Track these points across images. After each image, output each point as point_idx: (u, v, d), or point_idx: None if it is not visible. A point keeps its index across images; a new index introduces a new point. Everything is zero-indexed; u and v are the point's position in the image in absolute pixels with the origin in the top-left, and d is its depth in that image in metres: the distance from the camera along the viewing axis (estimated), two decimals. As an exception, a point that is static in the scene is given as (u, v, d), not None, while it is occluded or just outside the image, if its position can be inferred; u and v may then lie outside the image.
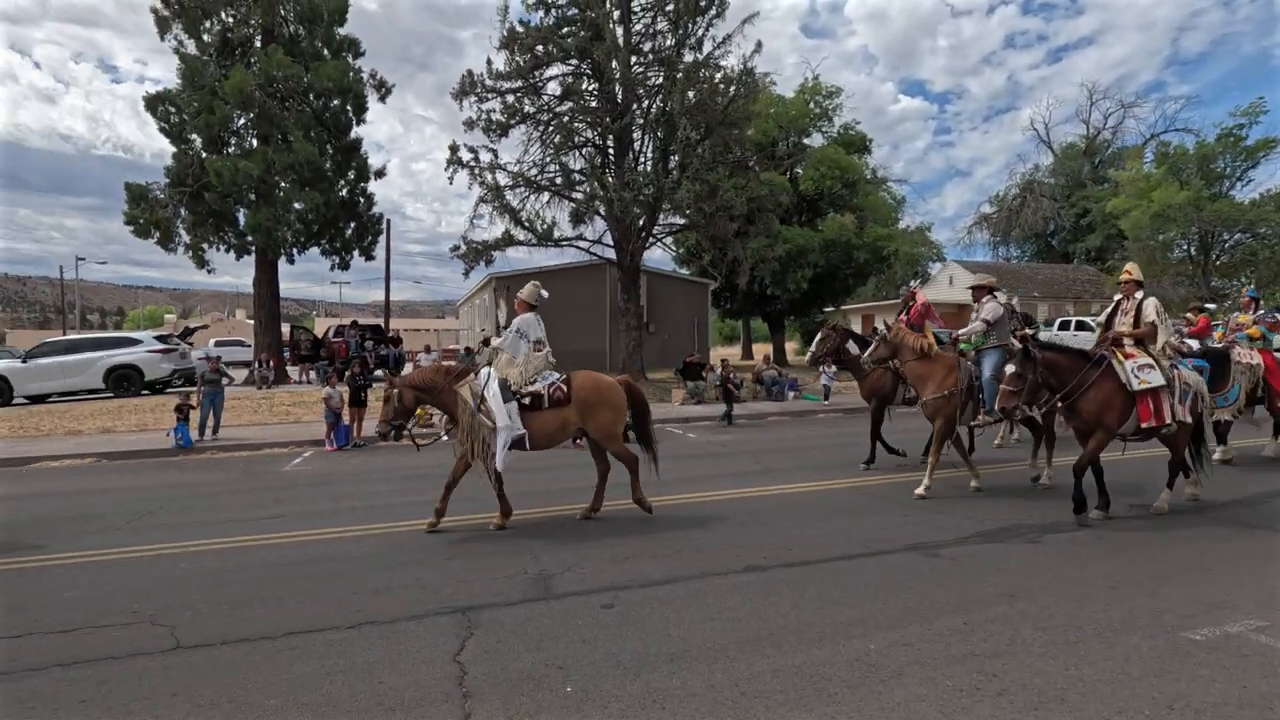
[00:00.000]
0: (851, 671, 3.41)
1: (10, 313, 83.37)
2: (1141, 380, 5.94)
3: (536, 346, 6.44)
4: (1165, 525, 5.93)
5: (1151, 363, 6.03)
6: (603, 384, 6.50)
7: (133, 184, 21.90)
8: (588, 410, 6.29)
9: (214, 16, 22.22)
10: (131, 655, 3.75)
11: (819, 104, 30.40)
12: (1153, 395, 5.94)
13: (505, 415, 6.00)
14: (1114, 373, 6.00)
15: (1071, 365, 6.10)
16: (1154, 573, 4.75)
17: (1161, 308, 6.32)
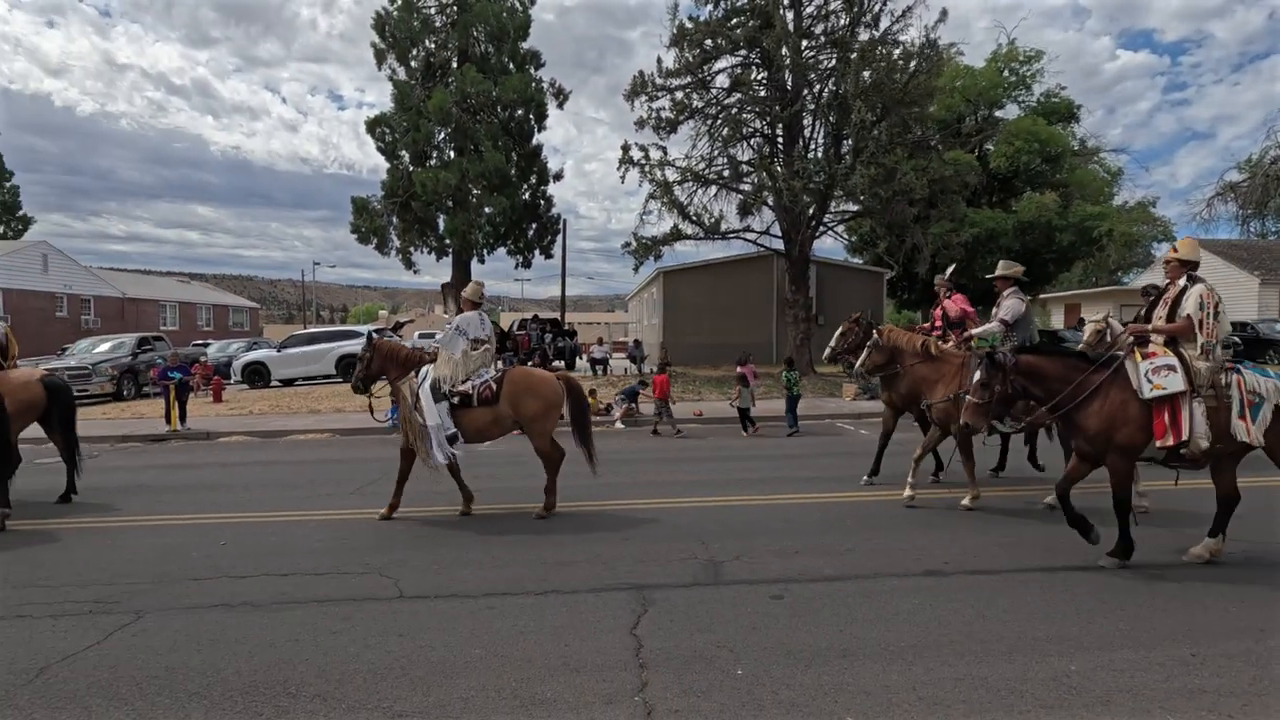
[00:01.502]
0: (1047, 691, 3.15)
1: (265, 310, 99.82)
2: (1155, 385, 4.64)
3: (474, 344, 6.51)
4: None
5: (1173, 363, 4.67)
6: (534, 379, 6.58)
7: (357, 197, 25.30)
8: (518, 405, 6.34)
9: (420, 44, 24.95)
10: (366, 599, 4.43)
11: (1014, 71, 27.48)
12: (1170, 404, 4.61)
13: (435, 415, 6.20)
14: (1125, 378, 4.78)
15: (1062, 371, 4.95)
16: None
17: (1213, 299, 4.80)
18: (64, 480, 7.55)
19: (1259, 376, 4.70)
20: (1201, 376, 4.66)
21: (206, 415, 14.51)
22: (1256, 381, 4.67)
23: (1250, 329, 22.43)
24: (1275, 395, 4.63)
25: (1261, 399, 4.62)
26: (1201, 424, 4.58)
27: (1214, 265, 33.53)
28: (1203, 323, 4.73)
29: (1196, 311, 4.77)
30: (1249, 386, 4.64)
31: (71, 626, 4.06)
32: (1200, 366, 4.67)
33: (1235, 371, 4.72)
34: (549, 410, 6.49)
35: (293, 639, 3.83)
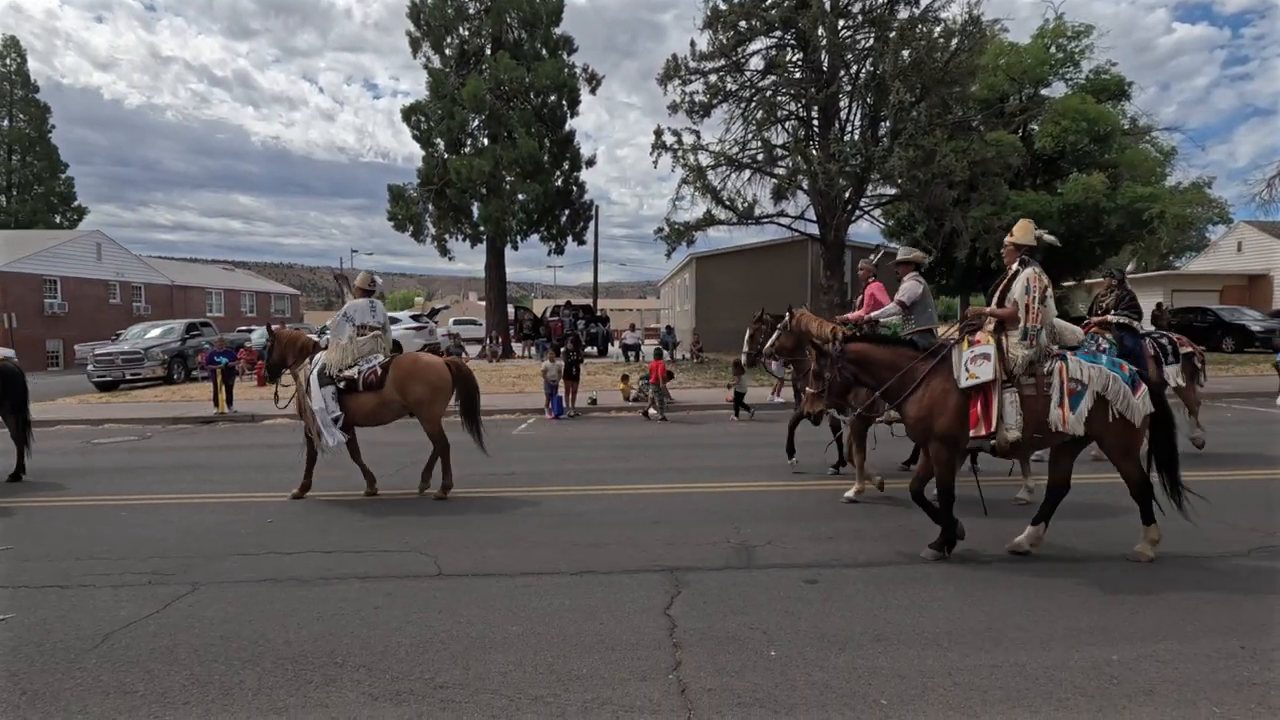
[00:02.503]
0: (1088, 680, 3.11)
1: (305, 297, 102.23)
2: (970, 374, 4.51)
3: (362, 330, 6.60)
4: None
5: (989, 351, 4.52)
6: (421, 364, 6.69)
7: (394, 185, 25.67)
8: (404, 389, 6.49)
9: (454, 32, 25.09)
10: (407, 576, 4.57)
11: (1061, 48, 26.47)
12: (984, 393, 4.48)
13: (321, 399, 6.35)
14: (949, 366, 4.66)
15: (890, 359, 4.86)
16: None
17: (1040, 285, 4.61)
18: (128, 459, 7.90)
19: (1084, 364, 4.52)
20: (1018, 364, 4.52)
21: (251, 399, 14.98)
22: (1080, 369, 4.49)
23: None
24: (1099, 383, 4.43)
25: (1084, 387, 4.44)
26: (1012, 414, 4.45)
27: (1274, 248, 32.07)
28: (1028, 307, 4.57)
29: (1022, 296, 4.62)
30: (1071, 374, 4.47)
31: (132, 596, 4.27)
32: (1018, 354, 4.52)
33: (1060, 359, 4.55)
34: (436, 395, 6.63)
35: (338, 613, 3.97)
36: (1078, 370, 4.48)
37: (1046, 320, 4.62)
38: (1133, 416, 4.42)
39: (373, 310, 6.86)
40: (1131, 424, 4.44)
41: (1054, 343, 4.72)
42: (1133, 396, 4.41)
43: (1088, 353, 4.75)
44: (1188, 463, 5.81)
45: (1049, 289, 4.69)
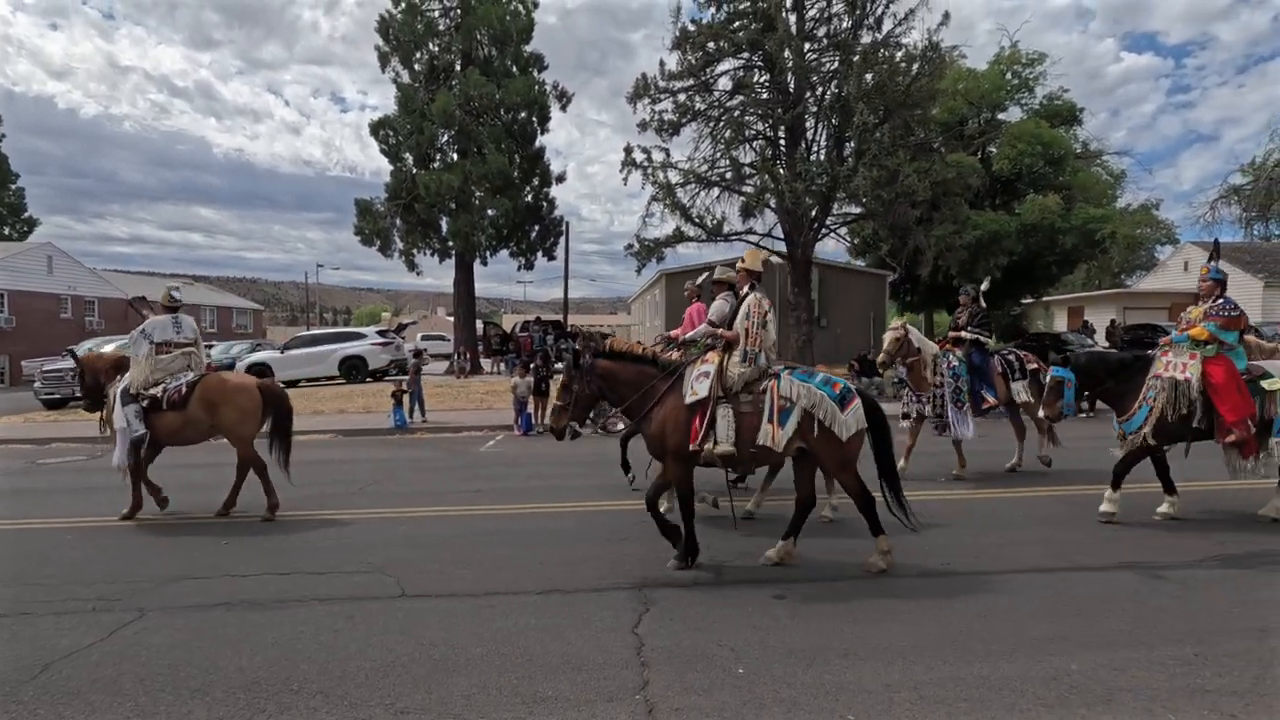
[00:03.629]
0: (1048, 690, 3.15)
1: (268, 312, 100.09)
2: (693, 392, 4.73)
3: (163, 348, 6.56)
4: None
5: (709, 370, 4.75)
6: (228, 386, 6.61)
7: (360, 200, 25.34)
8: (211, 409, 6.43)
9: (423, 47, 25.01)
10: (368, 598, 4.44)
11: (1017, 74, 27.48)
12: (704, 410, 4.67)
13: (123, 418, 6.29)
14: (682, 384, 4.86)
15: (634, 376, 4.95)
16: None
17: (761, 309, 4.84)
18: (74, 479, 7.59)
19: (795, 382, 4.70)
20: (736, 382, 4.73)
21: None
22: (790, 387, 4.67)
23: (1254, 331, 22.35)
24: (807, 400, 4.62)
25: (792, 404, 4.62)
26: (724, 428, 4.63)
27: (1217, 268, 33.35)
28: (748, 331, 4.79)
29: (743, 320, 4.84)
30: (782, 392, 4.66)
31: (75, 624, 4.08)
32: (734, 373, 4.74)
33: (775, 378, 4.74)
34: (244, 417, 6.54)
35: (295, 637, 3.84)
36: (788, 389, 4.67)
37: (766, 343, 4.84)
38: (841, 432, 4.60)
39: (177, 327, 6.72)
40: (840, 440, 4.61)
41: (772, 362, 4.92)
42: (840, 413, 4.60)
43: (803, 371, 4.92)
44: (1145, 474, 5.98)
45: (769, 314, 4.92)
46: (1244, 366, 5.67)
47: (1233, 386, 5.49)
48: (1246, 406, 5.49)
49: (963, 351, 7.84)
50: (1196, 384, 5.56)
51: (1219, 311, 5.69)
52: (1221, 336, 5.63)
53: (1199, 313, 5.83)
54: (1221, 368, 5.54)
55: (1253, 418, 5.51)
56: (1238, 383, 5.52)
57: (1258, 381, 5.62)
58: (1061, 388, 6.01)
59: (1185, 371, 5.61)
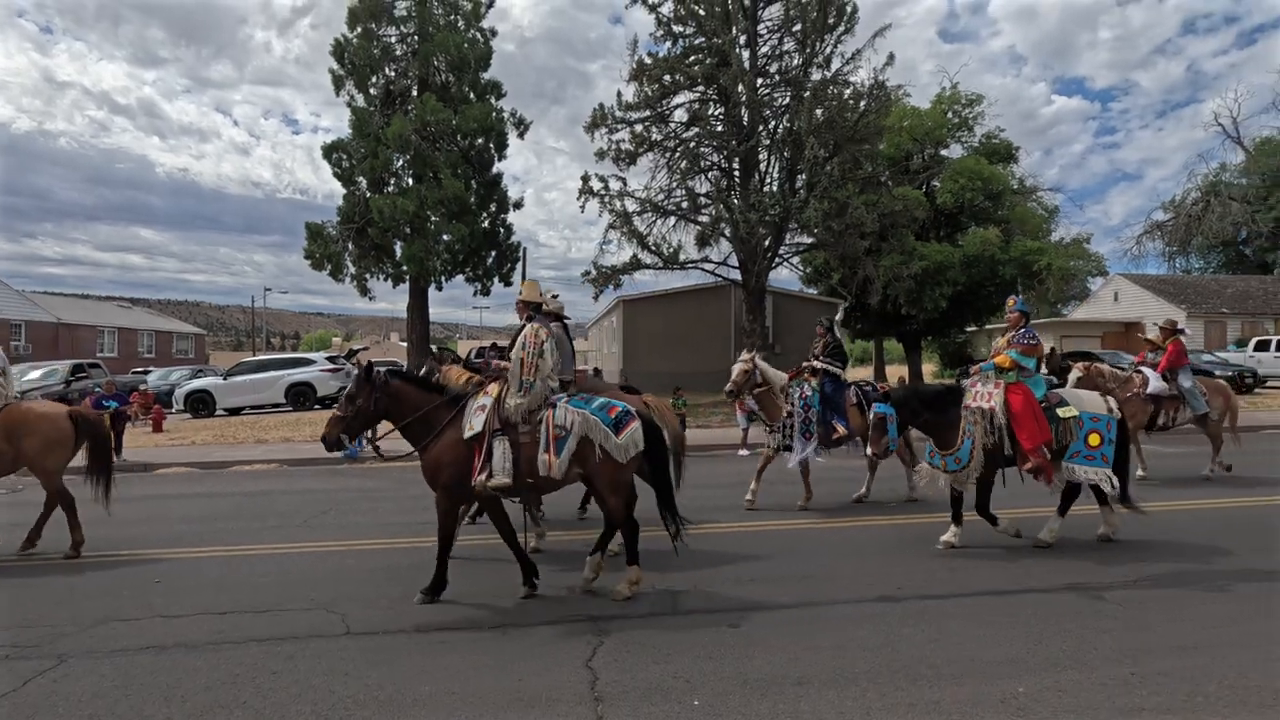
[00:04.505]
0: (996, 714, 3.21)
1: (212, 336, 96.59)
2: (470, 426, 4.74)
3: None
4: (1397, 581, 5.03)
5: (486, 403, 4.78)
6: (33, 415, 6.30)
7: (312, 223, 24.83)
8: (14, 440, 6.14)
9: (379, 72, 24.86)
10: (311, 637, 4.26)
11: (957, 113, 28.85)
12: (482, 443, 4.67)
13: None
14: (463, 416, 4.85)
15: (417, 401, 4.93)
16: (1380, 635, 4.05)
17: (537, 340, 4.86)
18: None
19: (570, 410, 4.74)
20: (512, 413, 4.73)
21: (145, 446, 13.88)
22: (565, 415, 4.71)
23: None
24: (582, 428, 4.67)
25: (567, 432, 4.66)
26: (501, 461, 4.62)
27: (1144, 298, 35.45)
28: (524, 361, 4.82)
29: (518, 351, 4.88)
30: (557, 421, 4.69)
31: (-15, 673, 3.79)
32: (511, 404, 4.75)
33: (551, 407, 4.77)
34: (49, 447, 6.23)
35: (230, 680, 3.65)
36: (563, 417, 4.70)
37: (543, 372, 4.86)
38: (619, 456, 4.68)
39: None
40: (619, 463, 4.69)
41: (553, 390, 4.97)
42: (615, 437, 4.66)
43: (581, 398, 4.94)
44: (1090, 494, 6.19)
45: (545, 343, 4.93)
46: (1042, 394, 5.90)
47: (1030, 413, 5.69)
48: (1042, 433, 5.69)
49: (816, 382, 7.75)
50: (1000, 412, 5.77)
51: (1021, 339, 5.94)
52: (1022, 363, 5.87)
53: (1004, 342, 6.08)
54: (1020, 395, 5.76)
55: (1049, 444, 5.73)
56: (1035, 410, 5.72)
57: (1054, 409, 5.85)
58: (884, 424, 6.00)
59: (990, 400, 5.83)
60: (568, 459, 4.64)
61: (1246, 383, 21.54)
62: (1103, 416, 5.88)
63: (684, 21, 20.52)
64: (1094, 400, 6.08)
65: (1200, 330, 32.63)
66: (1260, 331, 29.02)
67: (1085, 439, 5.80)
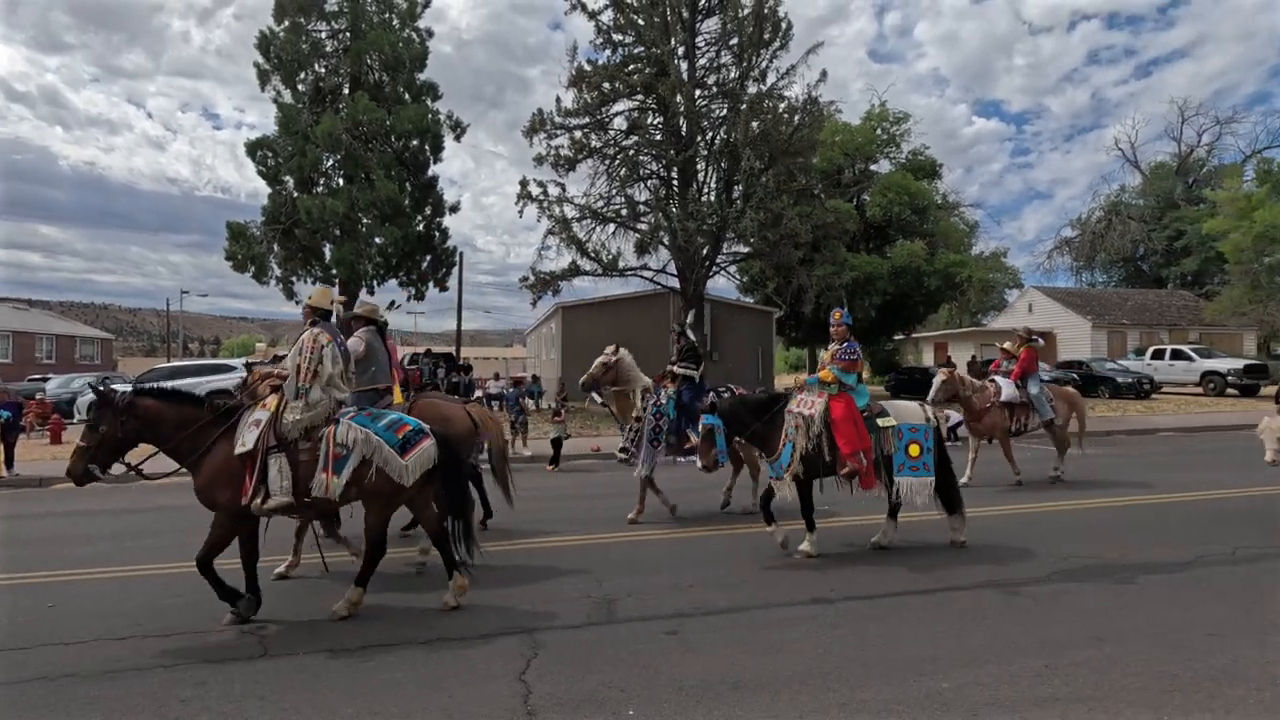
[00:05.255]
0: (921, 710, 3.30)
1: (122, 341, 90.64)
2: (242, 443, 4.44)
3: None
4: (1278, 570, 5.47)
5: (262, 418, 4.50)
6: None
7: (233, 223, 23.67)
8: None
9: (308, 68, 23.99)
10: (225, 660, 4.00)
11: (886, 130, 30.07)
12: (250, 462, 4.39)
13: None
14: (236, 430, 4.55)
15: (178, 418, 4.56)
16: (1263, 620, 4.38)
17: (316, 345, 4.63)
18: None
19: (353, 427, 4.52)
20: (290, 428, 4.46)
21: (41, 459, 12.84)
22: (347, 433, 4.49)
23: (1084, 366, 25.31)
24: (365, 447, 4.45)
25: (349, 451, 4.45)
26: (277, 480, 4.36)
27: (1056, 310, 37.71)
28: (300, 368, 4.55)
29: (295, 357, 4.62)
30: (339, 439, 4.47)
31: None
32: (291, 418, 4.47)
33: (334, 423, 4.55)
34: None
35: (128, 712, 3.38)
36: (345, 435, 4.49)
37: (323, 379, 4.61)
38: (402, 478, 4.47)
39: None
40: (399, 485, 4.48)
41: (337, 404, 4.71)
42: (400, 459, 4.46)
43: (367, 415, 4.70)
44: (1005, 495, 6.48)
45: (326, 349, 4.69)
46: (864, 404, 6.00)
47: (849, 421, 5.80)
48: (861, 440, 5.80)
49: (674, 389, 7.45)
50: (820, 419, 5.85)
51: (843, 355, 6.01)
52: (843, 379, 5.96)
53: (828, 356, 6.15)
54: (842, 404, 5.86)
55: (867, 451, 5.84)
56: (855, 418, 5.84)
57: (875, 419, 5.96)
58: (713, 435, 5.92)
59: (813, 408, 5.90)
60: (346, 479, 4.42)
61: (1145, 389, 23.17)
62: (920, 426, 6.01)
63: (623, 30, 20.67)
64: (912, 411, 6.20)
65: (1104, 340, 34.96)
66: (1156, 341, 31.29)
67: (905, 450, 5.92)
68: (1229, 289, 28.70)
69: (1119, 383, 23.28)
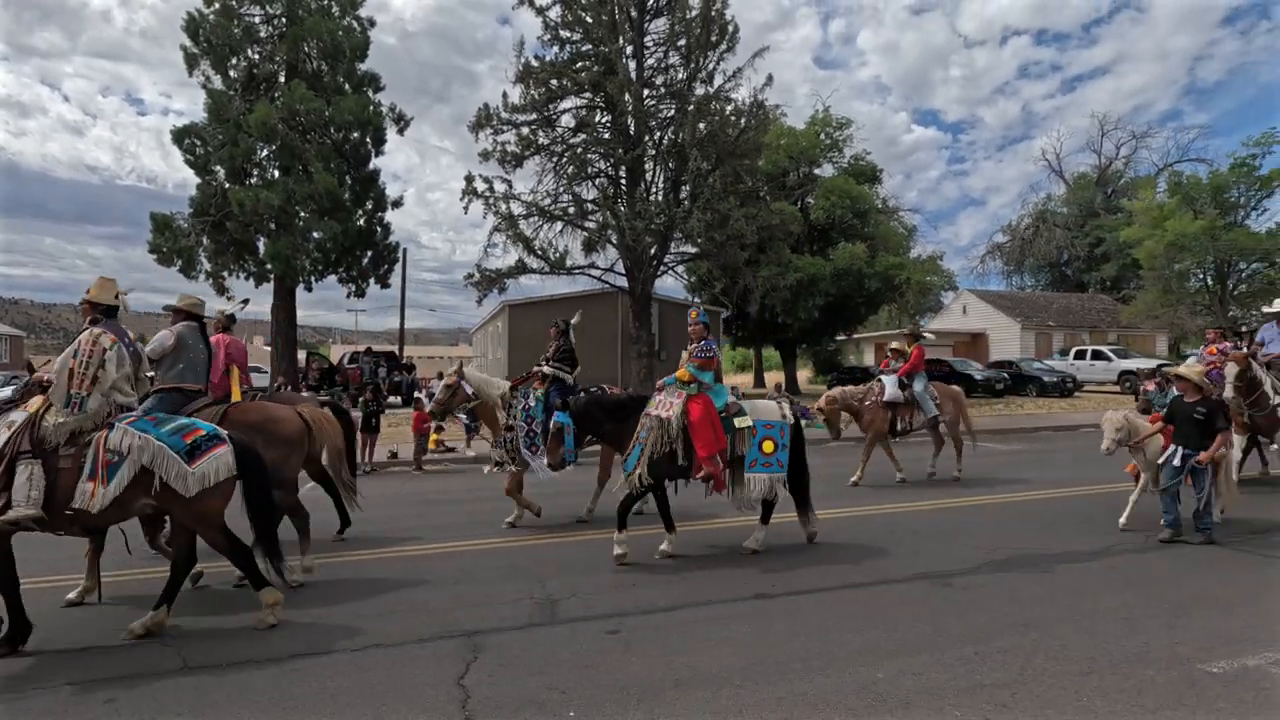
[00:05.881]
0: (858, 700, 3.37)
1: (35, 339, 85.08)
2: None
3: None
4: (1184, 557, 5.82)
5: (16, 420, 4.19)
6: None
7: (158, 214, 22.46)
8: None
9: (241, 54, 22.97)
10: (138, 675, 3.77)
11: (829, 135, 30.76)
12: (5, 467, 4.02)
13: None
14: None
15: None
16: (1171, 605, 4.65)
17: (97, 347, 4.29)
18: None
19: (130, 433, 4.14)
20: (51, 434, 4.10)
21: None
22: (122, 439, 4.11)
23: (1014, 366, 26.51)
24: (145, 454, 4.10)
25: (122, 458, 4.08)
26: (25, 490, 3.95)
27: (988, 312, 39.37)
28: (74, 371, 4.19)
29: (67, 359, 4.24)
30: (110, 444, 4.09)
31: None
32: (51, 422, 4.10)
33: (108, 428, 4.17)
34: None
35: (31, 733, 3.15)
36: (119, 440, 4.11)
37: (104, 385, 4.26)
38: (185, 488, 4.12)
39: None
40: (185, 494, 4.13)
41: (116, 409, 4.36)
42: (187, 466, 4.13)
43: (151, 420, 4.34)
44: (930, 490, 6.70)
45: (110, 351, 4.33)
46: (722, 405, 5.89)
47: (707, 423, 5.65)
48: (718, 442, 5.70)
49: (542, 390, 7.13)
50: (677, 421, 5.68)
51: (699, 353, 5.90)
52: (699, 376, 5.83)
53: (686, 355, 6.01)
54: (700, 405, 5.71)
55: (723, 453, 5.73)
56: (712, 419, 5.71)
57: (732, 419, 5.87)
58: (562, 434, 5.78)
59: (670, 410, 5.73)
60: (118, 489, 4.02)
61: (1069, 388, 24.42)
62: (776, 423, 5.98)
63: (571, 27, 20.53)
64: (769, 408, 6.19)
65: (1032, 340, 36.69)
66: (1079, 342, 33.03)
67: (760, 446, 5.88)
68: (1143, 294, 30.54)
69: (1045, 382, 24.46)
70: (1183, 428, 6.20)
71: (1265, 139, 27.49)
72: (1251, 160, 27.82)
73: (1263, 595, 4.84)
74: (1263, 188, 28.24)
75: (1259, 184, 28.12)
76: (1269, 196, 28.56)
